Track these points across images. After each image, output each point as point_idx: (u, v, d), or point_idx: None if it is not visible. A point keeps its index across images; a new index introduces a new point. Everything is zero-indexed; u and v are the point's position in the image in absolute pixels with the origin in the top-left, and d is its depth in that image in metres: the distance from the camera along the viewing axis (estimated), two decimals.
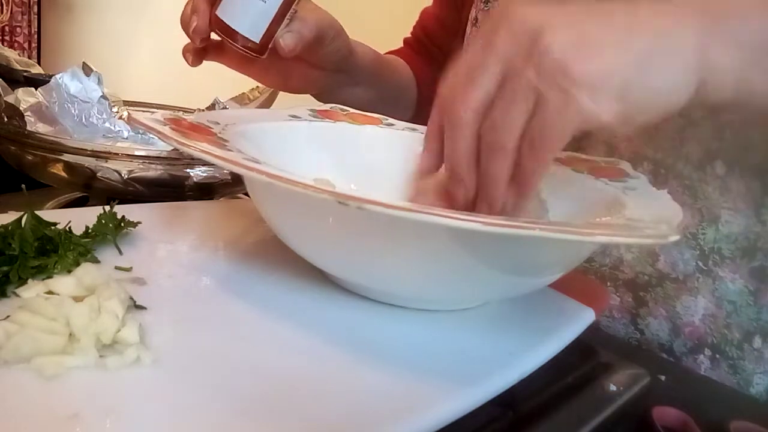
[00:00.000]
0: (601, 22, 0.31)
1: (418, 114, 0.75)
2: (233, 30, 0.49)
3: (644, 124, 0.32)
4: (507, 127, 0.31)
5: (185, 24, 0.51)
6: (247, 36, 0.49)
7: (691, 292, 0.49)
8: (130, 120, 0.32)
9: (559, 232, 0.25)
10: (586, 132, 0.54)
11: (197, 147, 0.30)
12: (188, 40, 0.52)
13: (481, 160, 0.32)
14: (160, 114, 0.34)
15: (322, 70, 0.58)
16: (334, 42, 0.55)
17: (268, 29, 0.49)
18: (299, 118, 0.46)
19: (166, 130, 0.31)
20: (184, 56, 0.54)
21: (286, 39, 0.50)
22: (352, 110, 0.50)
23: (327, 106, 0.49)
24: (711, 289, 0.48)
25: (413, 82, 0.74)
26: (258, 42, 0.49)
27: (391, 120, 0.50)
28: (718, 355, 0.49)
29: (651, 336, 0.51)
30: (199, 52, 0.54)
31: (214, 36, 0.52)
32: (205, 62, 0.55)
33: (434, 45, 0.77)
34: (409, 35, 0.80)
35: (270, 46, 0.50)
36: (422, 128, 0.49)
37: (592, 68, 0.29)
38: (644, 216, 0.32)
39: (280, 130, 0.44)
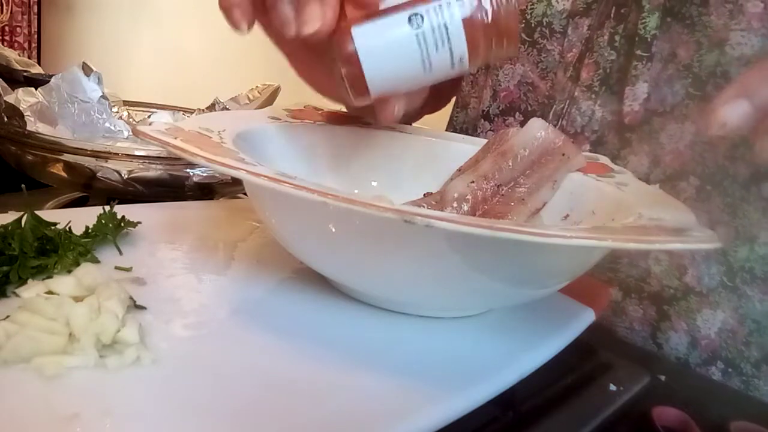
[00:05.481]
0: None
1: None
2: (359, 62, 0.34)
3: None
4: None
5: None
6: (368, 83, 0.35)
7: (712, 306, 0.48)
8: (136, 133, 0.31)
9: (623, 241, 0.25)
10: (626, 142, 0.52)
11: (225, 162, 0.28)
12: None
13: None
14: (163, 125, 0.32)
15: None
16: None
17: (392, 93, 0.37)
18: (278, 119, 0.45)
19: (178, 142, 0.30)
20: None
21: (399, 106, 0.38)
22: (326, 109, 0.48)
23: (301, 105, 0.48)
24: (734, 305, 0.48)
25: None
26: (371, 97, 0.36)
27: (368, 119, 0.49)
28: (730, 369, 0.48)
29: (669, 350, 0.50)
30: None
31: None
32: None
33: None
34: None
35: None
36: (402, 127, 0.48)
37: None
38: (661, 215, 0.31)
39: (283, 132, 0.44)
